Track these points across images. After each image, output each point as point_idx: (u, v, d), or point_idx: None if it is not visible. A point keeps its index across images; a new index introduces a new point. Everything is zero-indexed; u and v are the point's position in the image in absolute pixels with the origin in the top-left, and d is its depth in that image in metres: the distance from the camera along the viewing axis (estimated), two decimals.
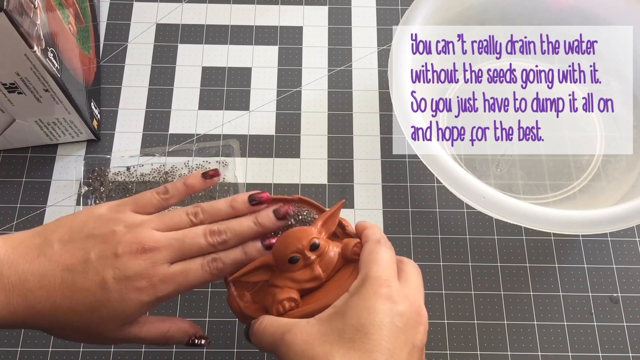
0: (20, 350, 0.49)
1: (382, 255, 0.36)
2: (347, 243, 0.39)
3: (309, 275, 0.37)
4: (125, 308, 0.35)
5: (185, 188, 0.41)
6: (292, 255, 0.37)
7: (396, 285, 0.35)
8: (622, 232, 0.55)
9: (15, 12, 0.41)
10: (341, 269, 0.38)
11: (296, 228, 0.39)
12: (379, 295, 0.33)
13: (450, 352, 0.50)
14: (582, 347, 0.50)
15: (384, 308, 0.33)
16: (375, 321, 0.32)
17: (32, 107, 0.50)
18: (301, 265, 0.37)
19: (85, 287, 0.34)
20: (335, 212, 0.40)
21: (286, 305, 0.37)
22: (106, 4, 0.64)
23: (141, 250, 0.35)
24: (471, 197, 0.47)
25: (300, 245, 0.37)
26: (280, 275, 0.38)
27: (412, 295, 0.35)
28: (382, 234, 0.39)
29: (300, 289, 0.38)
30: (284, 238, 0.38)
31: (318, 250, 0.37)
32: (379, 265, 0.35)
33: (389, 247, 0.37)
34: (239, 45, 0.63)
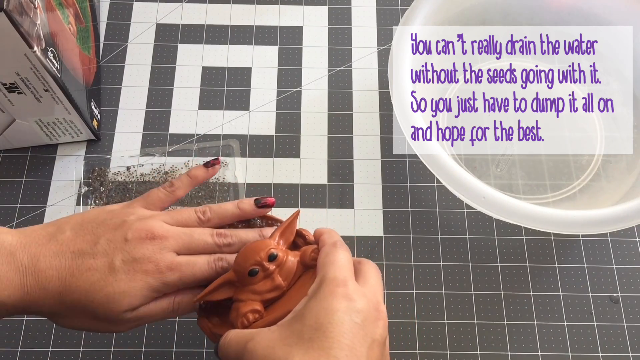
0: (20, 350, 0.49)
1: (338, 256, 0.36)
2: (305, 250, 0.39)
3: (269, 285, 0.38)
4: (131, 289, 0.36)
5: (189, 179, 0.43)
6: (252, 267, 0.38)
7: (353, 284, 0.35)
8: (622, 232, 0.55)
9: (15, 12, 0.41)
10: (302, 276, 0.39)
11: (254, 242, 0.40)
12: (335, 294, 0.34)
13: (450, 352, 0.50)
14: (582, 347, 0.50)
15: (341, 306, 0.33)
16: (333, 319, 0.33)
17: (32, 107, 0.50)
18: (261, 276, 0.38)
19: (94, 267, 0.36)
20: (291, 222, 0.41)
21: (250, 317, 0.37)
22: (106, 4, 0.64)
23: (150, 236, 0.37)
24: (471, 197, 0.47)
25: (258, 257, 0.38)
26: (243, 289, 0.39)
27: (369, 293, 0.35)
28: (339, 237, 0.39)
29: (263, 300, 0.38)
30: (242, 253, 0.39)
31: (277, 261, 0.38)
32: (335, 266, 0.36)
33: (345, 249, 0.38)
34: (239, 45, 0.63)
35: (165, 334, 0.50)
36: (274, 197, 0.43)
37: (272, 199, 0.42)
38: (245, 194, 0.55)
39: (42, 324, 0.50)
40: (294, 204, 0.55)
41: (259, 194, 0.56)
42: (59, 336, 0.50)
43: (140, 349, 0.50)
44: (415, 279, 0.53)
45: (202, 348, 0.50)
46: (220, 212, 0.41)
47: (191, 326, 0.50)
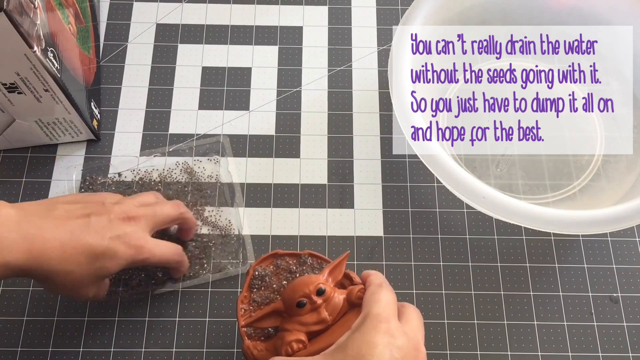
0: (20, 350, 0.49)
1: (383, 296, 0.38)
2: (352, 289, 0.41)
3: (316, 318, 0.40)
4: (116, 259, 0.42)
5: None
6: (300, 299, 0.40)
7: (395, 322, 0.37)
8: (622, 232, 0.55)
9: (15, 12, 0.41)
10: (347, 313, 0.41)
11: (304, 276, 0.42)
12: (378, 329, 0.35)
13: (450, 352, 0.50)
14: (582, 347, 0.50)
15: (382, 341, 0.35)
16: (374, 352, 0.34)
17: (32, 107, 0.50)
18: (308, 309, 0.40)
19: (89, 242, 0.41)
20: (341, 262, 0.43)
21: (294, 346, 0.39)
22: (106, 4, 0.64)
23: (127, 218, 0.43)
24: (471, 197, 0.47)
25: (307, 290, 0.40)
26: (290, 319, 0.40)
27: (411, 333, 0.37)
28: (384, 279, 0.41)
29: (308, 332, 0.40)
30: (292, 285, 0.41)
31: (324, 295, 0.40)
32: (380, 304, 0.37)
33: (390, 290, 0.40)
34: (239, 45, 0.63)
35: (165, 334, 0.50)
36: None
37: None
38: (240, 190, 0.55)
39: (42, 324, 0.50)
40: (294, 204, 0.55)
41: (259, 194, 0.56)
42: (59, 336, 0.50)
43: (140, 349, 0.50)
44: (415, 279, 0.53)
45: (202, 348, 0.50)
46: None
47: (191, 326, 0.50)
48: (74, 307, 0.51)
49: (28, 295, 0.51)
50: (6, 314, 0.50)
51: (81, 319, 0.50)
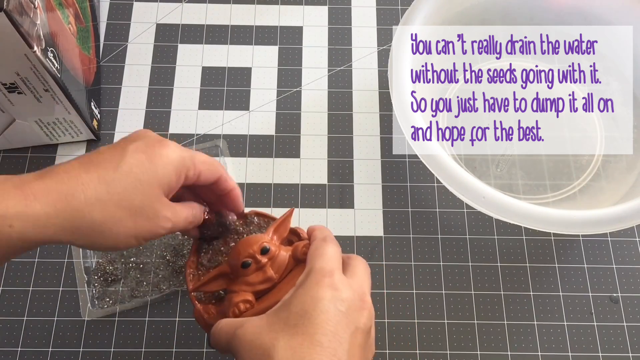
0: (20, 350, 0.49)
1: (327, 249, 0.38)
2: (296, 245, 0.41)
3: (261, 277, 0.40)
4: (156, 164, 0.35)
5: None
6: (244, 260, 0.40)
7: (339, 275, 0.37)
8: (622, 232, 0.55)
9: (15, 12, 0.41)
10: (293, 270, 0.41)
11: (248, 236, 0.41)
12: (321, 284, 0.35)
13: (450, 352, 0.50)
14: (582, 347, 0.50)
15: (326, 295, 0.35)
16: (318, 307, 0.34)
17: (32, 107, 0.50)
18: (254, 269, 0.40)
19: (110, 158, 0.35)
20: (285, 219, 0.43)
21: (241, 306, 0.39)
22: (106, 4, 0.64)
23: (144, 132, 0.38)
24: (471, 197, 0.47)
25: (251, 250, 0.40)
26: (236, 281, 0.40)
27: (355, 284, 0.37)
28: (329, 232, 0.41)
29: (254, 291, 0.40)
30: (237, 246, 0.41)
31: (269, 254, 0.40)
32: (323, 258, 0.37)
33: (334, 243, 0.39)
34: (239, 45, 0.63)
35: (165, 334, 0.50)
36: None
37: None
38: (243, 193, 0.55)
39: (42, 324, 0.50)
40: (294, 204, 0.55)
41: (259, 193, 0.56)
42: (59, 336, 0.50)
43: (140, 349, 0.50)
44: (415, 279, 0.53)
45: (202, 348, 0.50)
46: None
47: (191, 326, 0.50)
48: (74, 307, 0.51)
49: (28, 296, 0.51)
50: (6, 314, 0.50)
51: (81, 319, 0.50)
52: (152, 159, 0.36)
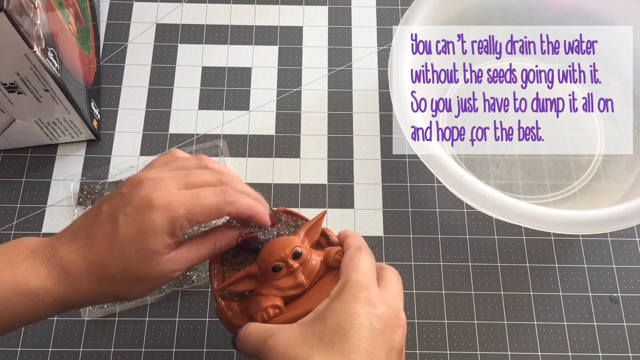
0: (20, 350, 0.49)
1: (362, 261, 0.37)
2: (329, 251, 0.40)
3: (292, 282, 0.39)
4: (145, 238, 0.35)
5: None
6: (276, 263, 0.38)
7: (375, 289, 0.36)
8: (622, 232, 0.55)
9: (15, 12, 0.41)
10: (324, 276, 0.40)
11: (280, 238, 0.40)
12: (358, 299, 0.34)
13: (450, 352, 0.50)
14: (582, 347, 0.50)
15: (362, 311, 0.34)
16: (355, 324, 0.33)
17: (32, 107, 0.50)
18: (284, 273, 0.39)
19: (105, 234, 0.36)
20: (317, 222, 0.41)
21: (270, 312, 0.38)
22: (106, 4, 0.64)
23: (146, 179, 0.36)
24: (471, 197, 0.47)
25: (283, 254, 0.39)
26: (265, 283, 0.39)
27: (390, 300, 0.36)
28: (363, 241, 0.40)
29: (284, 297, 0.39)
30: (268, 248, 0.39)
31: (300, 259, 0.39)
32: (359, 271, 0.36)
33: (369, 253, 0.38)
34: (239, 45, 0.63)
35: (165, 334, 0.50)
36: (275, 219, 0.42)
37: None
38: None
39: (41, 324, 0.50)
40: (294, 204, 0.55)
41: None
42: (59, 336, 0.50)
43: (140, 349, 0.50)
44: (415, 279, 0.53)
45: (202, 348, 0.50)
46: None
47: (191, 326, 0.50)
48: None
49: None
50: None
51: (81, 319, 0.50)
52: (143, 232, 0.35)
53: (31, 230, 0.53)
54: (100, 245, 0.35)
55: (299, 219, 0.43)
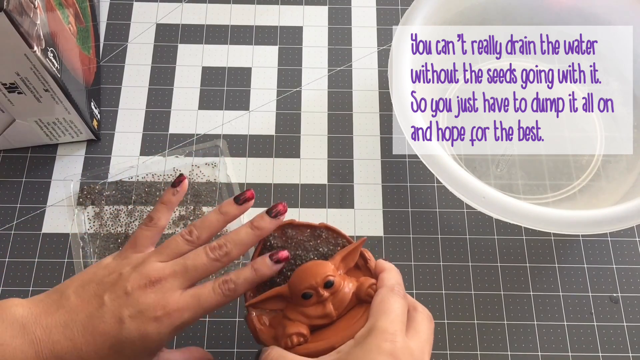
0: None
1: (393, 305, 0.36)
2: (362, 282, 0.39)
3: (320, 312, 0.38)
4: (145, 343, 0.36)
5: (165, 206, 0.41)
6: (306, 291, 0.38)
7: (401, 339, 0.34)
8: (622, 232, 0.55)
9: (15, 12, 0.41)
10: (354, 309, 0.39)
11: (313, 262, 0.39)
12: (381, 350, 0.33)
13: (450, 352, 0.50)
14: (582, 347, 0.50)
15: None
16: None
17: (32, 107, 0.50)
18: (314, 301, 0.38)
19: (106, 331, 0.36)
20: (356, 248, 0.40)
21: (294, 340, 0.37)
22: (106, 4, 0.64)
23: (149, 283, 0.37)
24: (471, 197, 0.47)
25: (314, 282, 0.38)
26: (294, 307, 0.39)
27: (417, 350, 0.35)
28: (398, 278, 0.38)
29: (311, 325, 0.38)
30: (300, 272, 0.39)
31: (332, 288, 0.38)
32: (388, 317, 0.35)
33: (401, 296, 0.37)
34: (239, 45, 0.63)
35: None
36: (252, 190, 0.42)
37: (251, 191, 0.42)
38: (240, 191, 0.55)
39: None
40: (294, 204, 0.55)
41: (260, 194, 0.56)
42: None
43: None
44: (415, 279, 0.53)
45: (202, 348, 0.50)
46: (206, 225, 0.40)
47: (191, 326, 0.50)
48: None
49: (28, 295, 0.51)
50: None
51: None
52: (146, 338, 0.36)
53: (31, 230, 0.53)
54: (99, 341, 0.35)
55: (339, 237, 0.42)
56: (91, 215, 0.54)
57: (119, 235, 0.53)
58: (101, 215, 0.54)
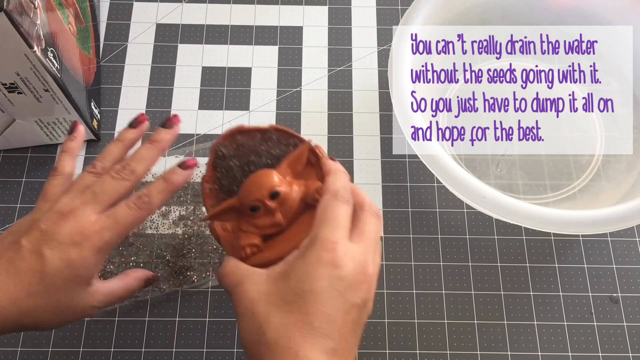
0: (20, 350, 0.49)
1: (335, 212, 0.36)
2: (308, 187, 0.39)
3: (269, 222, 0.38)
4: (73, 270, 0.36)
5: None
6: (253, 204, 0.38)
7: (343, 247, 0.35)
8: (622, 232, 0.55)
9: (15, 12, 0.41)
10: (304, 214, 0.39)
11: (259, 174, 0.39)
12: (321, 261, 0.34)
13: (450, 352, 0.50)
14: (582, 347, 0.50)
15: (324, 274, 0.34)
16: (314, 288, 0.33)
17: (32, 107, 0.50)
18: (262, 212, 0.38)
19: (30, 268, 0.36)
20: (300, 155, 0.40)
21: (248, 250, 0.38)
22: (106, 4, 0.64)
23: (62, 216, 0.37)
24: (471, 197, 0.47)
25: (260, 195, 0.38)
26: (246, 220, 0.39)
27: (360, 253, 0.35)
28: (344, 181, 0.38)
29: (263, 234, 0.38)
30: (247, 185, 0.39)
31: (279, 198, 0.38)
32: (329, 225, 0.35)
33: (345, 200, 0.37)
34: (239, 45, 0.63)
35: (165, 334, 0.50)
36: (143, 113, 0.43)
37: (142, 114, 0.43)
38: None
39: None
40: None
41: None
42: (59, 336, 0.50)
43: (140, 349, 0.50)
44: (415, 279, 0.53)
45: (202, 348, 0.50)
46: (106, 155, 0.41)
47: (191, 326, 0.50)
48: None
49: None
50: None
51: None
52: (71, 265, 0.36)
53: None
54: (26, 279, 0.35)
55: (290, 137, 0.42)
56: None
57: None
58: None
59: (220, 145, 0.42)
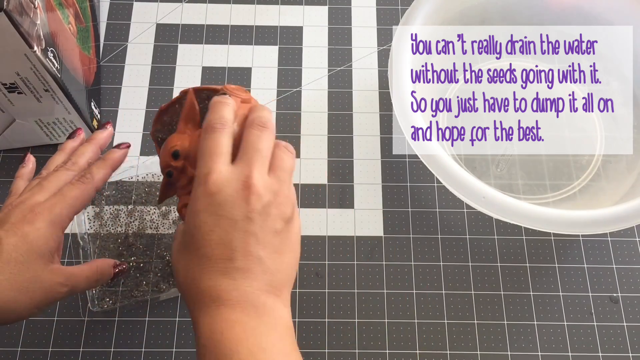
0: (20, 350, 0.49)
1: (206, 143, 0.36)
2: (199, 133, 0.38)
3: (186, 180, 0.38)
4: (29, 243, 0.38)
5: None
6: (166, 171, 0.39)
7: (215, 175, 0.35)
8: (622, 232, 0.55)
9: (15, 12, 0.41)
10: None
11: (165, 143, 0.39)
12: (197, 195, 0.35)
13: (450, 352, 0.50)
14: (582, 347, 0.50)
15: (201, 206, 0.34)
16: (197, 222, 0.34)
17: (32, 107, 0.50)
18: (178, 174, 0.39)
19: None
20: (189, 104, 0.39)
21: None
22: (106, 4, 0.64)
23: (13, 207, 0.39)
24: (471, 197, 0.47)
25: (164, 162, 0.39)
26: (179, 190, 0.39)
27: (239, 172, 0.35)
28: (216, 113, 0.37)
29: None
30: (159, 159, 0.40)
31: (182, 155, 0.38)
32: (202, 159, 0.36)
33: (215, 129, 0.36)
34: (239, 45, 0.63)
35: (165, 334, 0.50)
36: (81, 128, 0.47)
37: (80, 129, 0.47)
38: None
39: (42, 323, 0.50)
40: None
41: None
42: (59, 336, 0.50)
43: (140, 349, 0.50)
44: (415, 279, 0.53)
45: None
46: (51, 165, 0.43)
47: (191, 326, 0.50)
48: (74, 308, 0.51)
49: None
50: None
51: (81, 319, 0.50)
52: (26, 237, 0.37)
53: None
54: None
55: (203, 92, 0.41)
56: (91, 215, 0.54)
57: (119, 235, 0.53)
58: (101, 215, 0.54)
59: (155, 132, 0.42)
